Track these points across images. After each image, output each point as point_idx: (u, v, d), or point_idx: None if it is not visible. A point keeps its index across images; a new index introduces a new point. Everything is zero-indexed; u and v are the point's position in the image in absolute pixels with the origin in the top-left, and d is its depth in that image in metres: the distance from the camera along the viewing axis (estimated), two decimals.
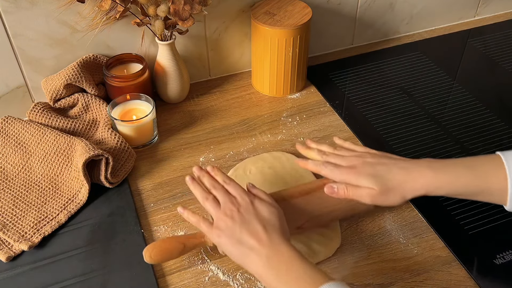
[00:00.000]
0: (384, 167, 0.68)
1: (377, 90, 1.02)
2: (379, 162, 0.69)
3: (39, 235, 0.74)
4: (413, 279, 0.68)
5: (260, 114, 0.97)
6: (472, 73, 1.08)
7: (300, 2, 0.97)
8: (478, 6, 1.22)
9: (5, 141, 0.86)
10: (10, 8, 0.83)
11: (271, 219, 0.62)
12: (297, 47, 0.94)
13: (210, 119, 0.96)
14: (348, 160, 0.71)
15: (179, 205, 0.78)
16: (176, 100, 0.98)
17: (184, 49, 0.98)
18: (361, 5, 1.08)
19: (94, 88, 0.91)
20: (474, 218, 0.76)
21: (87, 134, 0.89)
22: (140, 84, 0.91)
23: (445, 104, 0.98)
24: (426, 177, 0.66)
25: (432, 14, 1.18)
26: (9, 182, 0.81)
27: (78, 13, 0.87)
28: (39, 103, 0.90)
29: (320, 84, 1.04)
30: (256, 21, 0.92)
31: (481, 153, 0.87)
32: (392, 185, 0.67)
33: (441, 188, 0.66)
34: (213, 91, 1.03)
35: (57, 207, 0.78)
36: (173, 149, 0.89)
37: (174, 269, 0.70)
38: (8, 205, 0.78)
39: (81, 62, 0.90)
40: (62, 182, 0.81)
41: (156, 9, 0.84)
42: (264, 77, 0.99)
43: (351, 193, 0.69)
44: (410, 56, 1.11)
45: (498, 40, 1.17)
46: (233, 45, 1.02)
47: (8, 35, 0.85)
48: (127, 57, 0.94)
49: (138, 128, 0.86)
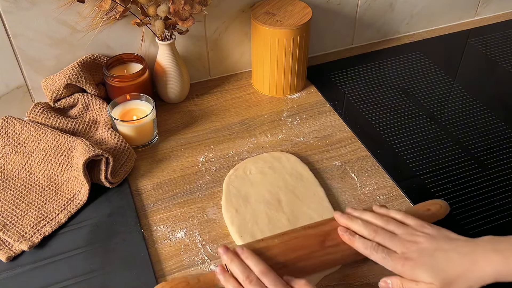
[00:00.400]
0: (444, 255, 0.59)
1: (377, 90, 1.02)
2: (438, 248, 0.60)
3: (39, 235, 0.74)
4: None
5: (260, 114, 0.97)
6: (472, 73, 1.08)
7: (300, 2, 0.97)
8: (478, 6, 1.22)
9: (5, 141, 0.86)
10: (10, 8, 0.83)
11: None
12: (297, 47, 0.94)
13: (210, 119, 0.96)
14: (401, 244, 0.62)
15: (179, 205, 0.79)
16: (176, 100, 0.98)
17: (184, 49, 0.98)
18: (361, 5, 1.08)
19: (94, 88, 0.91)
20: (474, 218, 0.76)
21: (87, 134, 0.89)
22: (140, 84, 0.91)
23: (445, 104, 0.98)
24: (494, 264, 0.57)
25: (432, 14, 1.18)
26: (9, 182, 0.81)
27: (78, 13, 0.87)
28: (39, 103, 0.90)
29: (320, 84, 1.04)
30: (256, 21, 0.92)
31: (481, 153, 0.87)
32: (455, 276, 0.58)
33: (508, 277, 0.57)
34: (213, 91, 1.03)
35: (57, 207, 0.78)
36: (173, 149, 0.89)
37: (174, 269, 0.70)
38: (8, 205, 0.78)
39: (81, 62, 0.90)
40: (62, 182, 0.81)
41: (156, 9, 0.84)
42: (264, 77, 0.99)
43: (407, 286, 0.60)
44: (410, 56, 1.11)
45: (498, 40, 1.17)
46: (233, 45, 1.02)
47: (8, 35, 0.85)
48: (127, 57, 0.94)
49: (138, 128, 0.86)
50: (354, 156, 0.87)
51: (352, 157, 0.87)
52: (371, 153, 0.87)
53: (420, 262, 0.59)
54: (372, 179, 0.83)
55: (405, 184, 0.82)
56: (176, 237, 0.74)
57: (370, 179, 0.83)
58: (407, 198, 0.80)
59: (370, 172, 0.84)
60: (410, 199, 0.79)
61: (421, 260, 0.59)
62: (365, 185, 0.82)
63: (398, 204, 0.79)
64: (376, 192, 0.81)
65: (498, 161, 0.85)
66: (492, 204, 0.78)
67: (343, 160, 0.86)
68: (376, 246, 0.62)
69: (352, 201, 0.79)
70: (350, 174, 0.84)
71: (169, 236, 0.75)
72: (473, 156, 0.86)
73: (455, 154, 0.87)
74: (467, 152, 0.87)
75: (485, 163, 0.85)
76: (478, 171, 0.84)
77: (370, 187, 0.82)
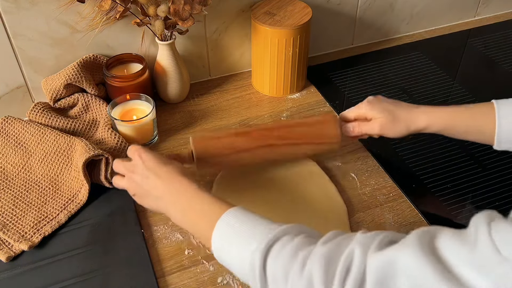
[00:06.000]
0: (395, 103, 0.78)
1: (377, 90, 1.02)
2: (388, 100, 0.79)
3: (39, 235, 0.74)
4: None
5: (260, 114, 0.97)
6: (472, 73, 1.08)
7: (300, 2, 0.97)
8: (478, 6, 1.22)
9: (5, 141, 0.86)
10: (10, 8, 0.83)
11: (158, 163, 0.65)
12: (297, 47, 0.94)
13: (210, 119, 0.96)
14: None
15: None
16: (176, 100, 0.98)
17: (184, 49, 0.98)
18: (361, 5, 1.08)
19: (94, 88, 0.91)
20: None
21: (87, 134, 0.89)
22: (140, 84, 0.91)
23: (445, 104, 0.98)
24: (428, 113, 0.75)
25: (432, 14, 1.18)
26: (9, 182, 0.81)
27: (78, 13, 0.87)
28: (39, 103, 0.90)
29: (320, 84, 1.04)
30: (256, 21, 0.92)
31: (480, 153, 0.87)
32: (399, 117, 0.75)
33: (440, 123, 0.74)
34: (213, 91, 1.03)
35: (57, 207, 0.78)
36: (173, 149, 0.89)
37: (174, 269, 0.70)
38: (8, 205, 0.78)
39: (81, 62, 0.90)
40: (62, 182, 0.81)
41: (156, 9, 0.84)
42: (264, 77, 0.99)
43: (363, 129, 0.78)
44: (410, 56, 1.11)
45: (498, 40, 1.17)
46: (233, 45, 1.02)
47: (8, 35, 0.85)
48: (127, 57, 0.94)
49: (138, 128, 0.86)
50: (354, 156, 0.87)
51: (352, 157, 0.87)
52: (371, 153, 0.87)
53: (378, 104, 0.78)
54: (372, 179, 0.83)
55: (405, 184, 0.82)
56: (176, 237, 0.74)
57: (370, 179, 0.83)
58: (407, 198, 0.80)
59: (370, 172, 0.84)
60: (410, 199, 0.79)
61: (379, 102, 0.78)
62: (365, 185, 0.82)
63: (398, 204, 0.79)
64: (376, 192, 0.81)
65: (498, 161, 0.85)
66: (492, 204, 0.78)
67: (343, 160, 0.86)
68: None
69: (352, 201, 0.79)
70: (350, 174, 0.84)
71: (169, 236, 0.75)
72: (473, 156, 0.86)
73: (455, 154, 0.87)
74: (467, 152, 0.87)
75: (485, 163, 0.85)
76: (478, 171, 0.84)
77: (370, 187, 0.82)
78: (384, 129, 0.77)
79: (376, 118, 0.77)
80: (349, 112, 0.81)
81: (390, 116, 0.76)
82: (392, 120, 0.76)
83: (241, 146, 0.76)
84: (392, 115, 0.76)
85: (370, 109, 0.78)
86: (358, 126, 0.79)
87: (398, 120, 0.75)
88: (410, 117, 0.75)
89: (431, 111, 0.75)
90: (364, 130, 0.79)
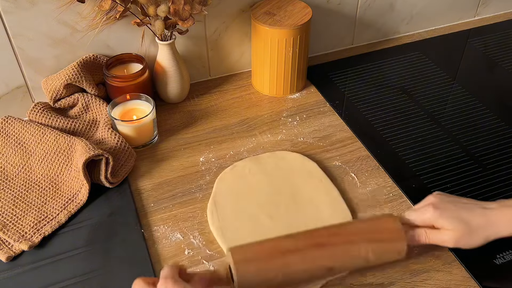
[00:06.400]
0: (466, 207, 0.66)
1: (377, 90, 1.02)
2: (459, 201, 0.67)
3: (39, 235, 0.74)
4: (413, 279, 0.68)
5: (260, 114, 0.97)
6: (472, 73, 1.08)
7: (300, 2, 0.97)
8: (478, 6, 1.22)
9: (5, 141, 0.86)
10: (10, 8, 0.83)
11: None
12: (297, 47, 0.94)
13: (210, 119, 0.96)
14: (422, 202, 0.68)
15: (179, 205, 0.79)
16: (176, 100, 0.98)
17: (184, 49, 0.98)
18: (361, 5, 1.08)
19: (94, 88, 0.91)
20: None
21: (87, 134, 0.89)
22: (140, 84, 0.91)
23: (445, 104, 0.98)
24: (508, 215, 0.64)
25: (432, 14, 1.18)
26: (9, 182, 0.81)
27: (78, 13, 0.87)
28: (39, 103, 0.90)
29: (320, 84, 1.04)
30: (256, 21, 0.92)
31: (480, 153, 0.87)
32: (477, 227, 0.64)
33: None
34: (213, 91, 1.03)
35: (57, 207, 0.78)
36: (173, 149, 0.89)
37: None
38: (8, 205, 0.78)
39: (81, 62, 0.90)
40: (62, 182, 0.81)
41: (156, 9, 0.84)
42: (264, 77, 0.99)
43: (433, 239, 0.66)
44: (410, 56, 1.11)
45: (498, 40, 1.17)
46: (233, 45, 1.02)
47: (8, 35, 0.85)
48: (127, 57, 0.94)
49: (138, 128, 0.86)
50: (354, 156, 0.87)
51: (352, 157, 0.87)
52: (371, 153, 0.87)
53: (446, 210, 0.65)
54: (372, 179, 0.83)
55: (405, 184, 0.82)
56: (176, 237, 0.74)
57: (370, 179, 0.83)
58: (407, 198, 0.80)
59: (370, 172, 0.84)
60: (410, 199, 0.79)
61: (447, 207, 0.65)
62: (365, 185, 0.82)
63: (398, 204, 0.79)
64: (376, 192, 0.81)
65: (498, 161, 0.85)
66: None
67: (343, 160, 0.86)
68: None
69: (352, 201, 0.79)
70: (350, 174, 0.84)
71: (169, 236, 0.75)
72: (473, 156, 0.86)
73: (455, 154, 0.87)
74: (467, 152, 0.87)
75: (485, 163, 0.85)
76: (478, 171, 0.84)
77: (370, 187, 0.82)
78: (459, 243, 0.65)
79: (448, 229, 0.65)
80: (410, 215, 0.68)
81: (466, 228, 0.64)
82: (468, 233, 0.64)
83: (287, 246, 0.63)
84: (468, 227, 0.64)
85: (438, 216, 0.65)
86: (425, 236, 0.66)
87: (475, 231, 0.64)
88: (488, 225, 0.64)
89: (509, 212, 0.64)
90: (433, 241, 0.66)
